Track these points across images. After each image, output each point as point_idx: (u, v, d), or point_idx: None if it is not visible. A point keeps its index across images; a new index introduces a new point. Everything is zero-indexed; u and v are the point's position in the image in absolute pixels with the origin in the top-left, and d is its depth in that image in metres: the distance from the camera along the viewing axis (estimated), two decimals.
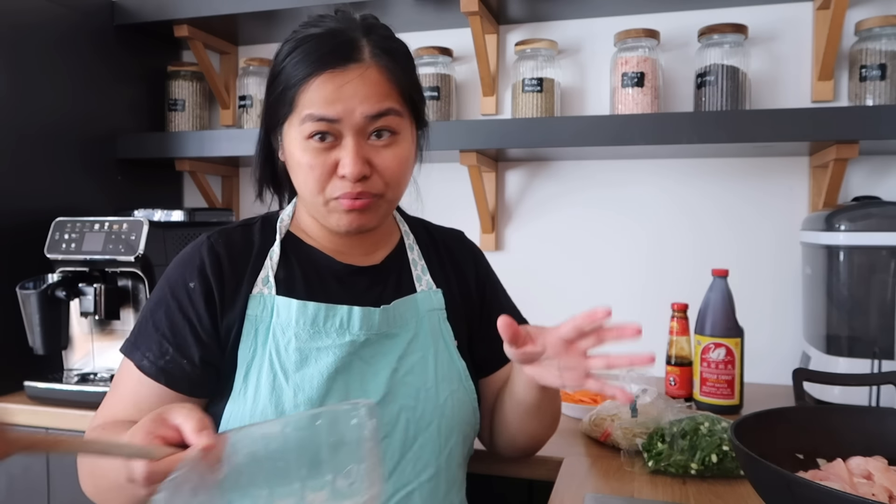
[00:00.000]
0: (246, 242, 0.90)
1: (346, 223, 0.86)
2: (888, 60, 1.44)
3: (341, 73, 0.81)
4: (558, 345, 0.77)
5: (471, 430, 0.94)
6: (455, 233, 1.09)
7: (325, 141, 0.83)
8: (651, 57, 1.56)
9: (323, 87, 0.81)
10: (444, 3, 1.66)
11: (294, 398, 0.81)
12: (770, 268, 1.65)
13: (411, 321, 0.91)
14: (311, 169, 0.83)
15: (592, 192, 1.77)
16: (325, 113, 0.81)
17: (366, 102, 0.82)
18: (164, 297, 0.86)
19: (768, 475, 0.68)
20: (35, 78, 1.62)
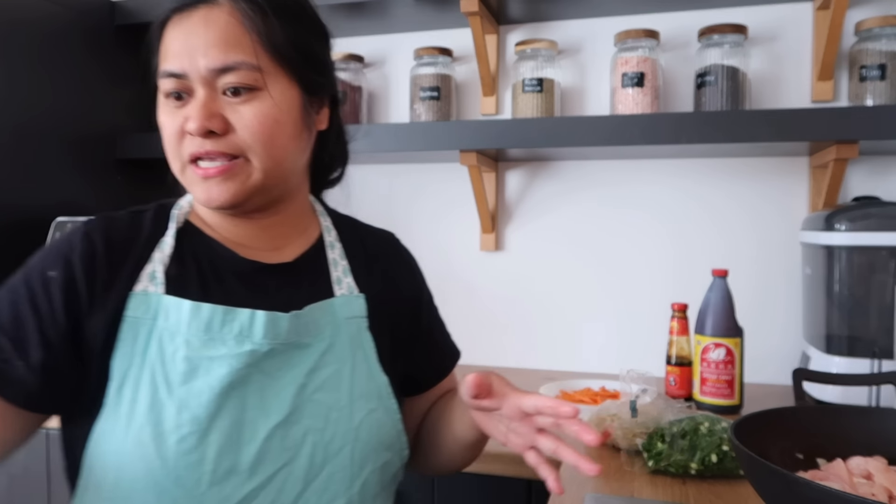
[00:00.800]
0: (132, 230, 0.76)
1: (206, 194, 0.73)
2: (888, 60, 1.44)
3: (188, 15, 0.72)
4: (515, 409, 0.71)
5: (393, 456, 0.80)
6: (387, 234, 0.96)
7: (182, 99, 0.73)
8: (651, 57, 1.56)
9: (174, 34, 0.73)
10: (444, 3, 1.66)
11: (177, 416, 0.67)
12: (770, 268, 1.65)
13: (326, 329, 0.77)
14: (164, 128, 0.75)
15: (592, 193, 1.77)
16: (172, 67, 0.72)
17: (209, 52, 0.71)
18: (15, 285, 0.71)
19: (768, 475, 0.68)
20: (35, 78, 1.62)
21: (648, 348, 1.66)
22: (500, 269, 1.83)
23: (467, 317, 1.84)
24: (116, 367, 0.70)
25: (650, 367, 1.41)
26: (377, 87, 1.91)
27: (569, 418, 0.67)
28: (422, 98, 1.73)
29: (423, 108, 1.73)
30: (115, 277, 0.72)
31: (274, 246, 0.81)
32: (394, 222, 1.42)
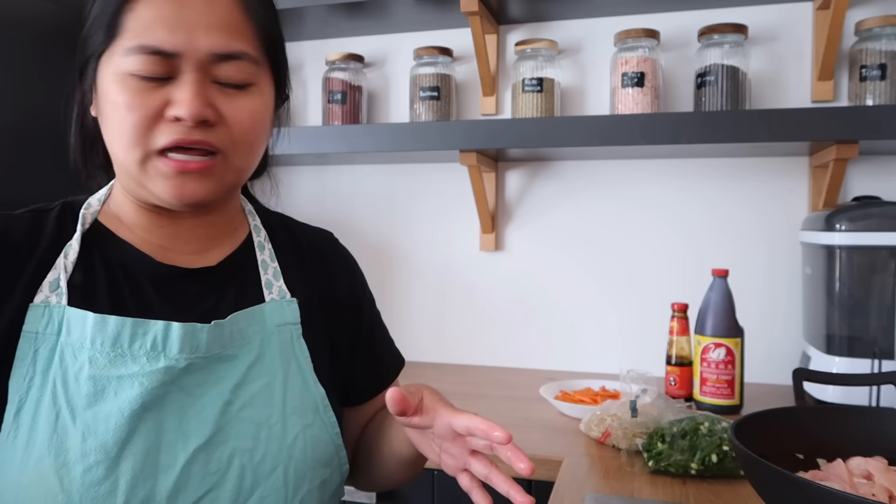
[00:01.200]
0: (32, 232, 0.67)
1: (172, 192, 0.64)
2: (888, 60, 1.44)
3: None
4: (446, 429, 0.65)
5: (332, 473, 0.73)
6: (325, 233, 0.87)
7: (155, 81, 0.62)
8: (651, 57, 1.56)
9: (159, 5, 0.62)
10: (444, 3, 1.66)
11: (82, 444, 0.59)
12: (770, 268, 1.65)
13: (255, 339, 0.70)
14: (128, 109, 0.62)
15: (592, 192, 1.77)
16: (162, 44, 0.61)
17: (213, 34, 0.63)
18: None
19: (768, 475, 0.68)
20: (34, 78, 1.62)
21: (648, 348, 1.66)
22: (500, 269, 1.83)
23: (467, 317, 1.85)
24: (13, 389, 0.61)
25: (650, 367, 1.41)
26: (377, 87, 1.91)
27: (501, 444, 0.61)
28: (422, 98, 1.73)
29: (423, 108, 1.73)
30: (10, 288, 0.64)
31: (199, 249, 0.73)
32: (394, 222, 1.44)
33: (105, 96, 0.64)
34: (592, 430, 1.19)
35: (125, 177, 0.68)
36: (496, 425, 0.60)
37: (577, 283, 1.77)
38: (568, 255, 1.78)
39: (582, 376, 1.64)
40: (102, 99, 0.65)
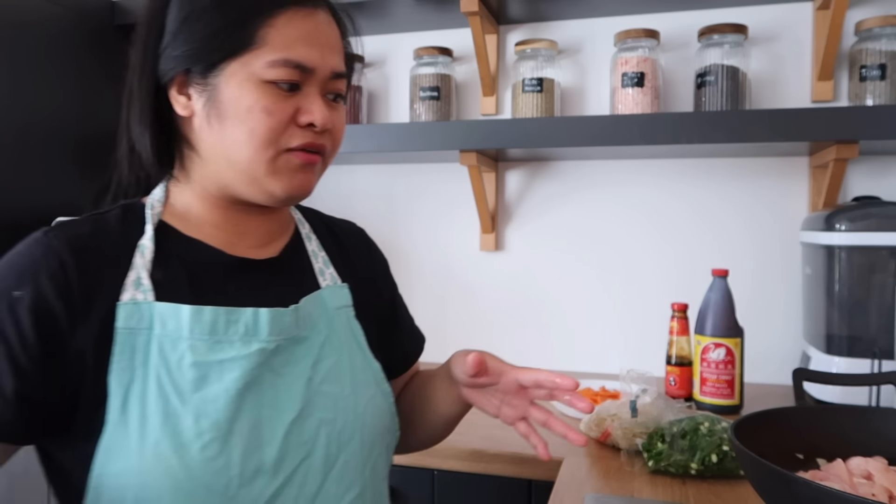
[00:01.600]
0: (98, 236, 0.71)
1: (290, 184, 0.72)
2: (888, 60, 1.44)
3: (312, 13, 0.71)
4: (512, 384, 0.78)
5: (392, 439, 0.83)
6: (355, 226, 0.96)
7: (291, 91, 0.70)
8: (651, 57, 1.56)
9: (299, 25, 0.70)
10: (444, 3, 1.66)
11: (196, 424, 0.65)
12: (770, 268, 1.65)
13: (320, 321, 0.78)
14: (268, 114, 0.69)
15: (592, 192, 1.77)
16: (304, 59, 0.69)
17: (335, 55, 0.73)
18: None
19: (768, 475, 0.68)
20: (35, 78, 1.62)
21: (648, 348, 1.66)
22: (500, 269, 1.83)
23: (467, 317, 1.84)
24: (115, 383, 0.65)
25: (650, 367, 1.41)
26: (377, 87, 1.91)
27: (569, 390, 0.73)
28: (422, 98, 1.73)
29: (423, 108, 1.73)
30: (95, 289, 0.67)
31: (261, 242, 0.79)
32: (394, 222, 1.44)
33: (236, 101, 0.69)
34: (592, 430, 1.19)
35: (233, 173, 0.72)
36: (561, 375, 0.73)
37: (577, 283, 1.77)
38: (568, 255, 1.78)
39: (582, 376, 1.64)
40: (230, 104, 0.69)
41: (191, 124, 0.73)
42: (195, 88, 0.71)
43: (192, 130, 0.73)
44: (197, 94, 0.71)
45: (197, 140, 0.73)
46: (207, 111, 0.71)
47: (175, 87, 0.72)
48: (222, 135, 0.70)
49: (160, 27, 0.72)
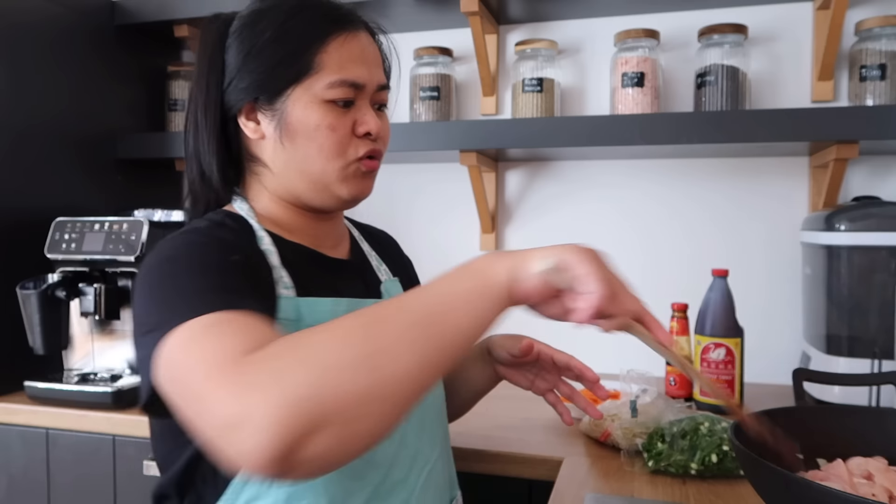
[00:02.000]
0: (239, 237, 0.78)
1: (358, 188, 0.83)
2: (888, 60, 1.43)
3: (357, 35, 0.82)
4: (548, 362, 0.98)
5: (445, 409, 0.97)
6: (385, 233, 1.10)
7: (346, 107, 0.81)
8: (651, 57, 1.56)
9: (349, 48, 0.80)
10: (444, 3, 1.66)
11: None
12: (770, 268, 1.65)
13: None
14: (333, 130, 0.79)
15: (592, 192, 1.77)
16: (356, 77, 0.80)
17: (379, 70, 0.84)
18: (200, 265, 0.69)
19: (768, 475, 0.68)
20: (35, 78, 1.62)
21: (648, 348, 1.66)
22: None
23: None
24: None
25: (650, 367, 1.41)
26: None
27: (592, 381, 0.95)
28: (422, 98, 1.73)
29: (423, 108, 1.73)
30: (268, 283, 0.75)
31: (335, 244, 0.90)
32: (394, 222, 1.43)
33: (303, 121, 0.79)
34: (592, 430, 1.19)
35: (307, 184, 0.82)
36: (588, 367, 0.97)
37: None
38: None
39: None
40: (298, 124, 0.79)
41: (260, 145, 0.82)
42: (264, 114, 0.81)
43: (262, 150, 0.83)
44: (266, 119, 0.81)
45: (269, 158, 0.82)
46: (279, 133, 0.80)
47: (243, 114, 0.82)
48: (294, 152, 0.80)
49: (221, 65, 0.82)
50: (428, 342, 0.57)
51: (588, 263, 0.63)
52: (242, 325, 0.60)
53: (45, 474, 1.44)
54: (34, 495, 1.45)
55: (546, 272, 0.61)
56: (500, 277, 0.62)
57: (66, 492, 1.43)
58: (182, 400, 0.59)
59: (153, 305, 0.66)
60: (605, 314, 0.64)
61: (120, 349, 1.54)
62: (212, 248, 0.72)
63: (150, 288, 0.68)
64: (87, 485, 1.41)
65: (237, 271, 0.69)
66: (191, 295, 0.64)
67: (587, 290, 0.63)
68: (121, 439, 1.39)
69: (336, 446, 0.52)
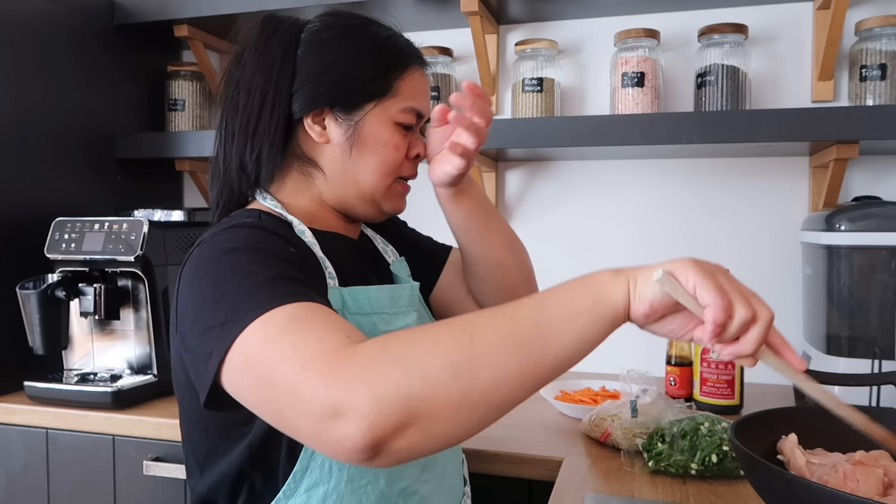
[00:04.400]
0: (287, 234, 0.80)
1: (396, 205, 0.90)
2: (888, 60, 1.43)
3: (423, 70, 0.90)
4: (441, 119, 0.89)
5: None
6: None
7: (407, 130, 0.87)
8: (651, 57, 1.56)
9: (420, 82, 0.88)
10: (444, 3, 1.66)
11: None
12: (770, 268, 1.65)
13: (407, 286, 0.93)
14: (397, 149, 0.86)
15: (592, 192, 1.77)
16: (422, 108, 0.88)
17: (430, 104, 0.91)
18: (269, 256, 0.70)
19: (768, 475, 0.68)
20: (35, 78, 1.62)
21: (648, 348, 1.66)
22: None
23: None
24: None
25: (650, 367, 1.41)
26: None
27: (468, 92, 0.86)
28: None
29: None
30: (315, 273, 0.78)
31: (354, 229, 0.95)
32: None
33: (375, 136, 0.84)
34: (592, 430, 1.19)
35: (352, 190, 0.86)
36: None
37: None
38: (568, 255, 1.78)
39: (582, 376, 1.64)
40: (369, 137, 0.84)
41: (321, 149, 0.85)
42: (337, 121, 0.84)
43: (322, 154, 0.85)
44: (337, 126, 0.84)
45: (327, 162, 0.85)
46: (350, 142, 0.84)
47: (310, 117, 0.83)
48: (358, 161, 0.85)
49: (293, 66, 0.83)
50: (527, 358, 0.58)
51: (700, 272, 0.59)
52: (324, 316, 0.63)
53: (45, 474, 1.44)
54: (34, 495, 1.45)
55: (661, 282, 0.58)
56: (618, 296, 0.60)
57: (65, 492, 1.43)
58: (269, 391, 0.60)
59: (217, 300, 0.66)
60: (728, 329, 0.59)
61: (120, 349, 1.54)
62: (271, 239, 0.73)
63: (212, 280, 0.68)
64: (87, 485, 1.41)
65: (299, 262, 0.73)
66: (263, 286, 0.65)
67: (705, 302, 0.59)
68: (120, 439, 1.39)
69: (423, 442, 0.56)
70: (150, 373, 1.51)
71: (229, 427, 0.76)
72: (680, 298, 0.59)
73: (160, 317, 1.49)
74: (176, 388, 0.81)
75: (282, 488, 0.75)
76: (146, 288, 1.48)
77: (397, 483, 0.80)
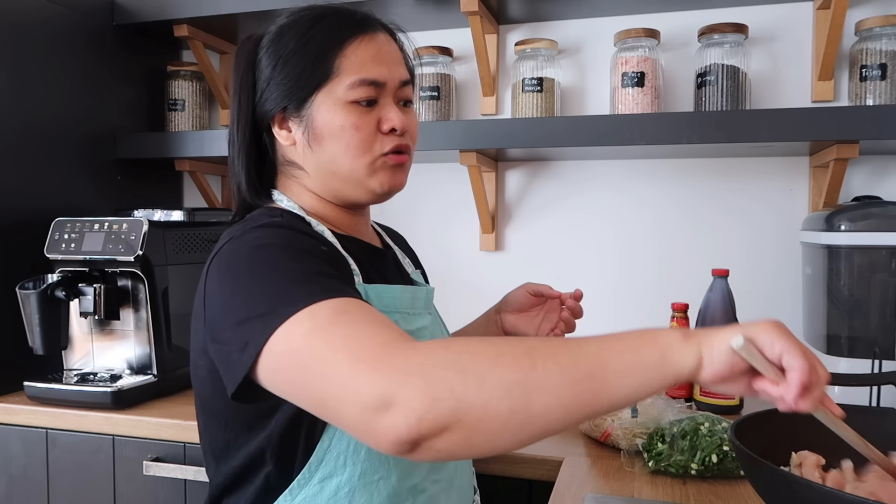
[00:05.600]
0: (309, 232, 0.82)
1: (390, 181, 0.87)
2: (888, 60, 1.43)
3: (374, 36, 0.85)
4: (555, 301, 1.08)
5: None
6: (393, 230, 1.15)
7: (369, 105, 0.84)
8: (651, 57, 1.56)
9: (366, 49, 0.83)
10: (444, 3, 1.66)
11: None
12: (770, 268, 1.65)
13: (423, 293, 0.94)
14: (357, 129, 0.83)
15: (592, 192, 1.77)
16: (376, 76, 0.83)
17: (399, 67, 0.87)
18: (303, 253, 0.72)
19: (768, 475, 0.68)
20: (35, 78, 1.62)
21: None
22: (500, 269, 1.83)
23: (467, 317, 1.84)
24: None
25: None
26: None
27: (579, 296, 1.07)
28: (422, 98, 1.73)
29: (423, 107, 1.73)
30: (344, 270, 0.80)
31: (371, 237, 0.96)
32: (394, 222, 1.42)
33: (328, 124, 0.83)
34: (592, 430, 1.19)
35: (339, 181, 0.86)
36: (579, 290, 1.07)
37: (577, 282, 1.76)
38: (568, 255, 1.78)
39: None
40: (324, 127, 0.83)
41: (293, 151, 0.86)
42: (293, 121, 0.85)
43: (296, 156, 0.87)
44: (295, 125, 0.85)
45: (304, 162, 0.86)
46: (307, 137, 0.84)
47: (276, 124, 0.86)
48: (322, 154, 0.84)
49: (252, 81, 0.86)
50: (582, 397, 0.58)
51: (786, 338, 0.58)
52: (369, 312, 0.65)
53: (45, 474, 1.44)
54: (34, 495, 1.45)
55: (740, 349, 0.57)
56: (687, 360, 0.59)
57: (65, 492, 1.43)
58: (315, 379, 0.62)
59: (253, 293, 0.68)
60: (810, 391, 0.58)
61: (120, 349, 1.54)
62: (301, 238, 0.76)
63: (246, 274, 0.70)
64: (87, 485, 1.41)
65: (332, 259, 0.77)
66: (301, 281, 0.67)
67: (791, 366, 0.58)
68: (120, 439, 1.39)
69: (463, 448, 0.58)
70: (149, 373, 1.51)
71: (251, 419, 0.77)
72: (757, 365, 0.58)
73: (160, 317, 1.49)
74: (195, 381, 0.83)
75: (296, 478, 0.77)
76: (146, 288, 1.48)
77: (408, 480, 0.81)
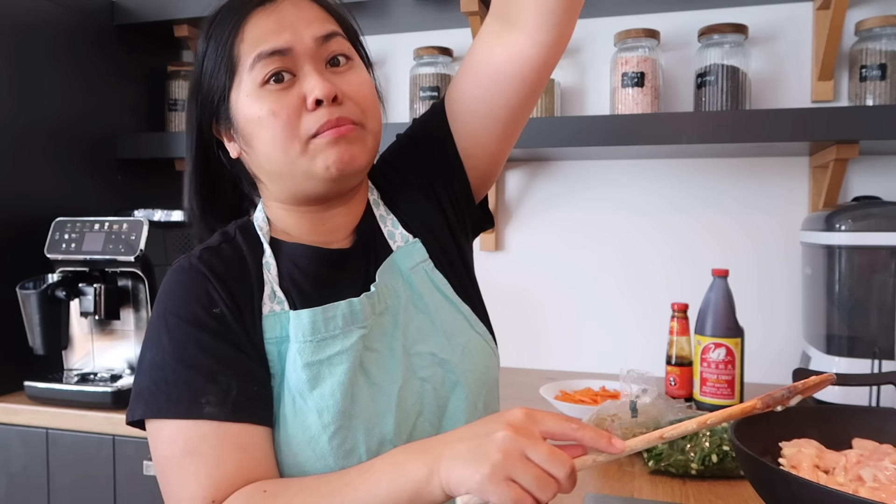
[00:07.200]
0: (238, 257, 0.77)
1: (336, 158, 0.72)
2: (888, 60, 1.43)
3: (273, 7, 0.73)
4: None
5: (494, 369, 0.85)
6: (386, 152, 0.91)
7: (284, 81, 0.72)
8: (651, 57, 1.56)
9: (259, 25, 0.72)
10: (444, 3, 1.66)
11: (319, 419, 0.71)
12: (770, 268, 1.65)
13: (398, 286, 0.80)
14: (274, 115, 0.71)
15: (592, 192, 1.77)
16: (275, 45, 0.71)
17: (311, 24, 0.74)
18: (186, 334, 0.71)
19: (768, 475, 0.68)
20: (35, 78, 1.62)
21: (648, 348, 1.66)
22: (500, 269, 1.83)
23: None
24: (274, 388, 0.74)
25: (650, 367, 1.41)
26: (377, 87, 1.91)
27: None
28: (422, 98, 1.73)
29: (423, 107, 1.73)
30: (250, 305, 0.74)
31: (348, 234, 0.82)
32: None
33: (247, 119, 0.73)
34: None
35: (287, 180, 0.75)
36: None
37: (577, 282, 1.77)
38: (568, 255, 1.78)
39: (582, 376, 1.64)
40: (245, 125, 0.74)
41: (242, 159, 0.79)
42: (228, 130, 0.77)
43: (246, 164, 0.79)
44: (232, 134, 0.77)
45: (252, 167, 0.78)
46: (241, 143, 0.76)
47: (224, 138, 0.78)
48: (257, 153, 0.75)
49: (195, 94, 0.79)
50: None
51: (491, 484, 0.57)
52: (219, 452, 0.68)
53: (45, 474, 1.44)
54: (34, 495, 1.45)
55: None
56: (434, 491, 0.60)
57: (65, 492, 1.43)
58: (158, 476, 0.71)
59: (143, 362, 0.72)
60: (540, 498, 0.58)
61: (120, 349, 1.54)
62: (196, 296, 0.73)
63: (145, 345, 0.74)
64: (87, 485, 1.41)
65: (218, 328, 0.71)
66: (166, 386, 0.69)
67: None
68: (121, 439, 1.39)
69: None
70: None
71: None
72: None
73: None
74: None
75: None
76: (146, 288, 1.48)
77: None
